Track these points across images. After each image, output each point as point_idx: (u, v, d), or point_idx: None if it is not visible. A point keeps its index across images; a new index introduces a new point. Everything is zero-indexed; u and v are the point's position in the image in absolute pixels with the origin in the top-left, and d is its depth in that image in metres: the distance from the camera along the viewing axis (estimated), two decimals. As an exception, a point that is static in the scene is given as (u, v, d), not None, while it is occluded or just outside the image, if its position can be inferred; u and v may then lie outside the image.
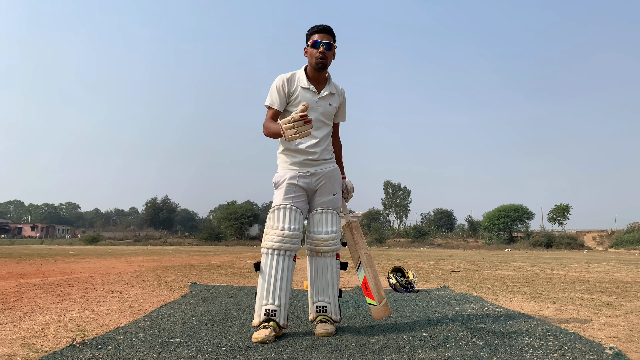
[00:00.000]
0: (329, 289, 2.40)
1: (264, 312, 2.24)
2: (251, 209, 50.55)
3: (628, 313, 2.97)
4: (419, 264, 9.69)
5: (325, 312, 2.37)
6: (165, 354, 1.81)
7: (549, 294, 3.99)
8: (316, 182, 2.46)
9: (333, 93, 2.54)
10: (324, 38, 2.45)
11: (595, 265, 9.71)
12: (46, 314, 2.68)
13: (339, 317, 2.40)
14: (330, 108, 2.52)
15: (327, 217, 2.44)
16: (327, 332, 2.23)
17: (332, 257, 2.42)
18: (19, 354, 1.77)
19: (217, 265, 8.23)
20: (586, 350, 1.91)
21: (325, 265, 2.41)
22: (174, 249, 23.21)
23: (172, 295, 3.68)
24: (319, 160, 2.47)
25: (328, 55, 2.45)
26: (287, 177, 2.43)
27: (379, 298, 2.43)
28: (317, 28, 2.47)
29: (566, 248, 35.62)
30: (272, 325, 2.18)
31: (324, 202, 2.47)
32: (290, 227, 2.32)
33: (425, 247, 38.31)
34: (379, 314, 2.42)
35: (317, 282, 2.41)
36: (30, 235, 64.12)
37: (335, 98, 2.55)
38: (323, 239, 2.40)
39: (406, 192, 58.11)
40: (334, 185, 2.51)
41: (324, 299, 2.39)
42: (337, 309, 2.41)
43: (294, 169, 2.45)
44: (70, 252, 15.81)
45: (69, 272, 6.06)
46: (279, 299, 2.26)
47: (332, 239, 2.41)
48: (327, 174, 2.49)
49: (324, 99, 2.50)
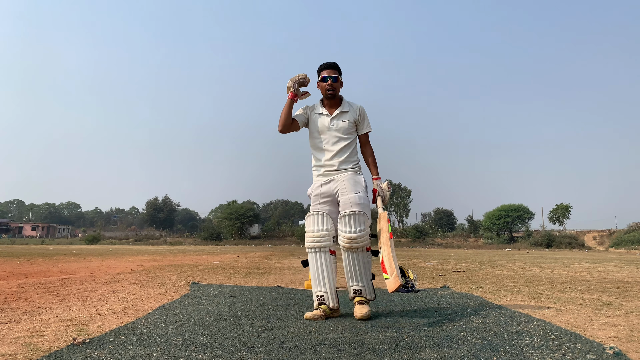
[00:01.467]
0: (362, 275, 2.81)
1: (316, 297, 2.80)
2: (252, 209, 50.58)
3: (628, 313, 2.97)
4: (420, 263, 9.69)
5: (360, 294, 2.79)
6: (166, 353, 1.81)
7: (549, 294, 3.99)
8: (335, 186, 2.92)
9: (345, 111, 3.02)
10: (331, 73, 2.99)
11: (596, 265, 9.70)
12: (47, 313, 2.69)
13: (373, 296, 2.84)
14: (344, 124, 2.99)
15: (353, 219, 2.79)
16: (364, 315, 2.64)
17: (363, 251, 2.81)
18: (20, 353, 1.78)
19: (217, 264, 8.24)
20: (586, 350, 1.91)
21: (356, 258, 2.80)
22: (174, 249, 23.22)
23: (173, 294, 3.68)
24: (338, 169, 2.95)
25: (335, 86, 3.00)
26: (314, 188, 2.98)
27: (390, 271, 2.69)
28: (324, 65, 3.01)
29: (566, 248, 35.60)
30: (322, 307, 2.73)
31: (348, 198, 2.85)
32: (318, 229, 2.83)
33: (425, 247, 38.29)
34: (391, 286, 2.63)
35: (351, 271, 2.82)
36: (31, 234, 64.15)
37: (348, 114, 3.02)
38: (352, 238, 2.76)
39: (407, 191, 58.07)
40: (355, 186, 2.90)
41: (359, 283, 2.81)
42: (371, 290, 2.84)
43: (319, 179, 2.99)
44: (71, 251, 15.82)
45: (69, 272, 6.06)
46: (325, 286, 2.79)
47: (360, 237, 2.77)
48: (345, 178, 2.93)
49: (336, 118, 3.00)
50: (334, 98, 3.01)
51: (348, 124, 2.99)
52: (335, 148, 2.96)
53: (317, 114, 3.04)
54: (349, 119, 3.01)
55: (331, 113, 3.01)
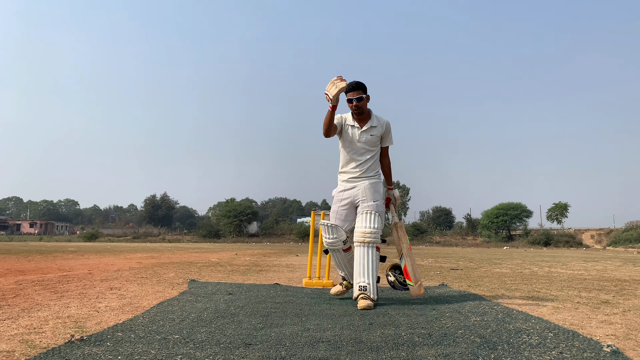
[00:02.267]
0: (369, 272, 3.08)
1: (341, 278, 3.56)
2: (250, 206, 50.52)
3: (626, 311, 2.97)
4: (418, 261, 9.70)
5: (365, 291, 3.04)
6: (164, 350, 1.81)
7: (547, 292, 4.00)
8: (357, 192, 3.29)
9: (374, 126, 3.33)
10: (355, 95, 3.25)
11: (594, 263, 9.73)
12: (44, 310, 2.68)
13: (376, 297, 3.06)
14: (372, 138, 3.32)
15: (369, 217, 3.18)
16: (367, 305, 2.91)
17: (373, 248, 3.13)
18: (18, 350, 1.77)
19: (215, 262, 8.24)
20: (584, 348, 1.91)
21: (367, 253, 3.11)
22: (172, 246, 23.21)
23: (171, 292, 3.68)
24: (362, 177, 3.31)
25: (361, 105, 3.27)
26: (337, 191, 3.40)
27: (415, 280, 3.24)
28: (349, 87, 3.25)
29: (564, 246, 35.68)
30: (344, 283, 3.52)
31: (367, 205, 3.24)
32: (330, 237, 3.34)
33: (424, 245, 38.34)
34: (414, 292, 3.25)
35: (360, 266, 3.10)
36: (29, 231, 64.06)
37: (376, 129, 3.34)
38: (366, 232, 3.13)
39: (405, 189, 58.14)
40: (374, 195, 3.27)
41: (365, 280, 3.06)
42: (375, 290, 3.08)
43: (343, 184, 3.38)
44: (69, 248, 15.80)
45: (67, 269, 6.05)
46: (344, 271, 3.49)
47: (373, 233, 3.14)
48: (367, 186, 3.28)
49: (366, 132, 3.31)
50: (362, 114, 3.32)
51: (376, 138, 3.32)
52: (362, 158, 3.32)
53: (349, 125, 3.34)
54: (377, 133, 3.32)
55: (361, 126, 3.32)
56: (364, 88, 3.28)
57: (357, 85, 3.25)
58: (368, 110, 3.35)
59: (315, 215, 5.02)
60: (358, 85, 3.25)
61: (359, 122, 3.33)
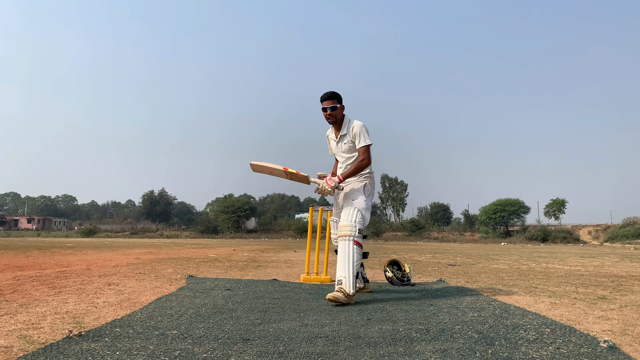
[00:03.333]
0: (346, 266, 3.06)
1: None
2: (248, 202, 50.56)
3: (623, 307, 2.99)
4: (416, 257, 9.72)
5: (340, 284, 3.01)
6: (162, 346, 1.81)
7: (544, 288, 4.01)
8: (340, 195, 3.49)
9: (344, 134, 3.45)
10: (329, 104, 3.40)
11: (591, 259, 9.77)
12: (43, 306, 2.68)
13: (352, 292, 2.98)
14: (345, 146, 3.45)
15: (349, 211, 3.24)
16: (333, 297, 2.92)
17: (351, 241, 3.12)
18: (16, 345, 1.77)
19: (214, 258, 8.24)
20: (581, 343, 1.92)
21: (345, 247, 3.12)
22: (171, 242, 23.20)
23: (169, 287, 3.68)
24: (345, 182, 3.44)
25: (335, 114, 3.41)
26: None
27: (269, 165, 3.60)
28: (323, 97, 3.42)
29: (562, 242, 35.81)
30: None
31: (348, 203, 3.37)
32: (334, 233, 3.55)
33: (421, 241, 38.42)
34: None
35: (339, 260, 3.12)
36: (26, 227, 63.94)
37: (346, 137, 3.44)
38: (343, 225, 3.18)
39: (403, 185, 58.19)
40: (352, 193, 3.39)
41: (342, 273, 3.05)
42: (352, 284, 3.00)
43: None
44: (67, 244, 15.79)
45: (65, 265, 6.05)
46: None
47: (350, 226, 3.15)
48: (346, 187, 3.44)
49: (340, 141, 3.48)
50: (336, 124, 3.48)
51: (348, 145, 3.44)
52: (344, 165, 3.50)
53: (331, 139, 3.60)
54: (347, 140, 3.44)
55: (336, 137, 3.51)
56: (339, 98, 3.42)
57: (332, 95, 3.40)
58: (342, 118, 3.47)
59: (313, 211, 5.02)
60: (333, 95, 3.40)
61: (335, 131, 3.52)
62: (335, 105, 3.39)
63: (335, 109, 3.40)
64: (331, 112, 3.40)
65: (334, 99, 3.41)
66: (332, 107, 3.39)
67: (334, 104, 3.40)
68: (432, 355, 1.74)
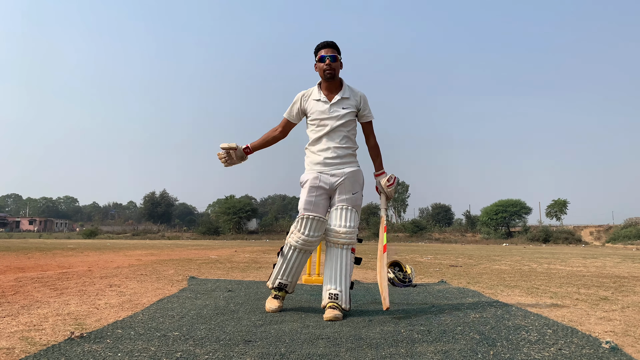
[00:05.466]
0: (342, 278, 2.64)
1: (277, 284, 2.74)
2: (249, 204, 50.60)
3: (625, 308, 2.98)
4: (417, 258, 9.71)
5: (336, 300, 2.58)
6: (164, 347, 1.81)
7: (546, 289, 4.00)
8: (336, 181, 2.73)
9: (346, 97, 2.77)
10: (329, 52, 2.74)
11: (593, 260, 9.75)
12: (44, 307, 2.68)
13: (348, 307, 2.62)
14: (345, 111, 2.75)
15: (345, 213, 2.70)
16: (334, 316, 2.45)
17: (348, 250, 2.68)
18: (18, 347, 1.77)
19: (215, 259, 8.24)
20: (583, 344, 1.92)
21: (340, 256, 2.66)
22: (172, 243, 23.21)
23: (171, 289, 3.68)
24: (338, 163, 2.75)
25: (334, 66, 2.74)
26: (310, 178, 2.75)
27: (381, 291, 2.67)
28: (322, 44, 2.77)
29: (564, 243, 35.75)
30: (281, 295, 2.75)
31: (344, 199, 2.73)
32: (310, 234, 2.67)
33: (423, 242, 38.39)
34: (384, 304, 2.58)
35: (332, 271, 2.66)
36: (28, 228, 64.04)
37: (349, 101, 2.78)
38: (341, 232, 2.66)
39: (404, 186, 58.18)
40: (353, 185, 2.75)
41: (337, 287, 2.61)
42: (348, 299, 2.63)
43: (316, 169, 2.77)
44: (69, 245, 15.80)
45: (67, 266, 6.05)
46: (290, 278, 2.75)
47: (349, 232, 2.66)
48: (346, 174, 2.74)
49: (336, 105, 2.76)
50: (334, 79, 2.75)
51: (349, 111, 2.75)
52: (335, 138, 2.74)
53: (314, 100, 2.77)
54: (349, 107, 2.76)
55: (330, 99, 2.75)
56: (339, 50, 2.79)
57: (333, 44, 2.77)
58: (340, 80, 2.82)
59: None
60: (333, 43, 2.77)
61: (328, 94, 2.78)
62: (335, 55, 2.74)
63: (336, 59, 2.74)
64: (331, 62, 2.71)
65: (335, 48, 2.77)
66: (332, 57, 2.72)
67: (335, 53, 2.75)
68: (434, 356, 1.73)
